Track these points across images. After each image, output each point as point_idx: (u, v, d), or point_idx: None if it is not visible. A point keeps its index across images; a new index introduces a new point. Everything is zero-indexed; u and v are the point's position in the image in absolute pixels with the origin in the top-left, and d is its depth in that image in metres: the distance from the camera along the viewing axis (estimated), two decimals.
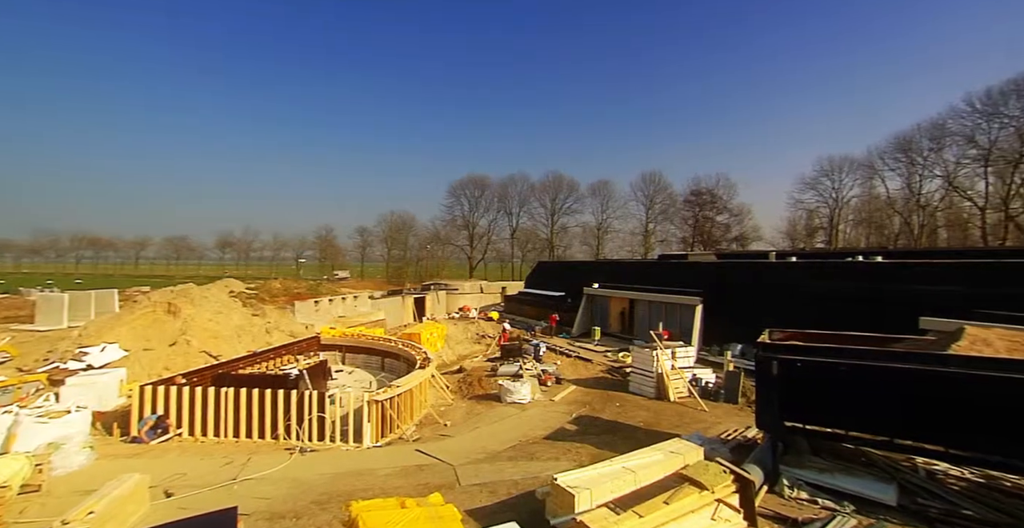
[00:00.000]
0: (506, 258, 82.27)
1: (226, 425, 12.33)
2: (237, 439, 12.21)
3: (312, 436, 12.03)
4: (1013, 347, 7.17)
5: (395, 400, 13.13)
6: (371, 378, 19.84)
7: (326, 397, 12.37)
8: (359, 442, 12.09)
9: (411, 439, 12.74)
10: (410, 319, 37.45)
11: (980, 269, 15.54)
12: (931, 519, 6.75)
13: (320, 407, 12.17)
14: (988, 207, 49.12)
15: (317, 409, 12.15)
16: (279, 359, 19.51)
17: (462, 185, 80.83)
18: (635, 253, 71.53)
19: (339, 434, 12.15)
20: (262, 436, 12.20)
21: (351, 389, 15.87)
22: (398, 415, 13.24)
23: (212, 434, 12.33)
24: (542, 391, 16.97)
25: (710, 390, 15.30)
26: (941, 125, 51.64)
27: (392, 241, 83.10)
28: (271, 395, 12.31)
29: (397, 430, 13.09)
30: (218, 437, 12.28)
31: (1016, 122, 45.86)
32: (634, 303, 25.71)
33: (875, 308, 15.82)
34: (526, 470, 9.54)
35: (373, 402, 12.46)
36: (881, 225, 59.03)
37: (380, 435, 12.58)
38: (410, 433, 13.19)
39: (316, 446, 11.68)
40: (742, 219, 68.52)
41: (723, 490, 6.62)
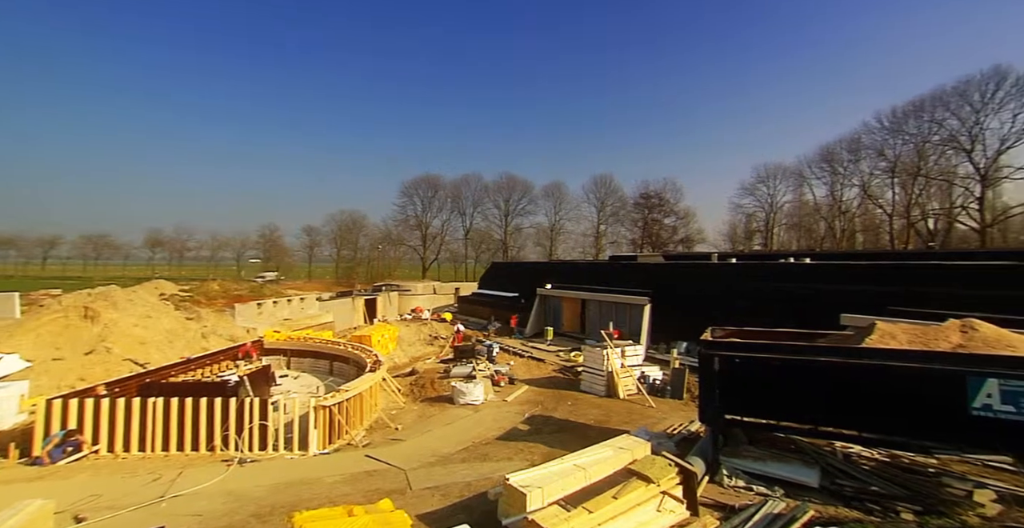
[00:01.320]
0: (460, 259, 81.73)
1: (153, 438, 11.39)
2: (167, 453, 11.31)
3: (253, 446, 11.37)
4: (913, 339, 7.99)
5: (344, 405, 12.68)
6: (318, 383, 19.04)
7: (269, 404, 11.75)
8: (305, 450, 11.56)
9: (361, 444, 12.35)
10: (360, 321, 36.31)
11: (889, 270, 17.23)
12: (846, 497, 7.39)
13: (262, 414, 11.53)
14: (895, 214, 54.64)
15: (259, 417, 11.49)
16: (217, 365, 18.30)
17: (415, 185, 79.56)
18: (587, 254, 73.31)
19: (283, 442, 11.56)
20: (196, 448, 11.37)
21: (296, 395, 15.14)
22: (347, 420, 12.79)
23: (137, 449, 11.33)
24: (495, 392, 16.99)
25: (657, 387, 15.93)
26: (857, 139, 56.98)
27: (342, 241, 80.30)
28: (207, 404, 11.52)
29: (346, 436, 12.64)
30: (144, 452, 11.31)
31: (915, 139, 51.46)
32: (586, 303, 26.32)
33: (805, 306, 17.11)
34: (479, 471, 9.51)
35: (320, 407, 11.96)
36: (810, 229, 64.02)
37: (328, 442, 12.10)
38: (360, 438, 12.78)
39: (257, 456, 11.05)
40: (688, 222, 72.20)
41: (668, 482, 6.91)
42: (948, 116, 48.63)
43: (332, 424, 12.28)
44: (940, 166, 50.61)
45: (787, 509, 6.74)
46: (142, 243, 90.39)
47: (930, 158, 50.92)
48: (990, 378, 6.59)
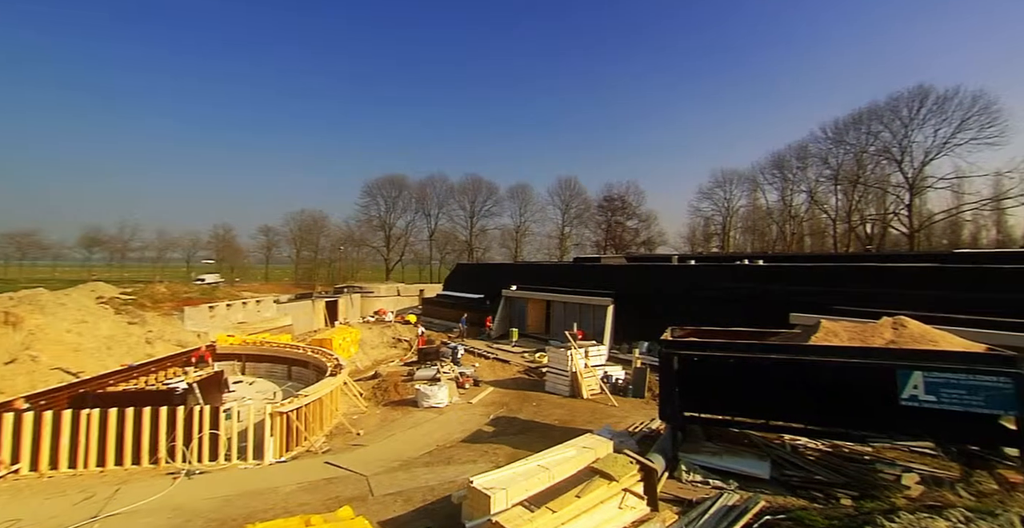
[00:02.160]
0: (424, 260, 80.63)
1: (87, 454, 10.53)
2: (102, 469, 10.50)
3: (203, 456, 10.78)
4: (853, 337, 8.53)
5: (302, 411, 12.24)
6: (276, 388, 18.28)
7: (221, 411, 11.17)
8: (260, 459, 11.07)
9: (320, 451, 11.95)
10: (321, 324, 35.17)
11: (832, 271, 18.37)
12: (793, 487, 7.82)
13: (213, 423, 10.95)
14: (838, 219, 58.35)
15: (209, 425, 10.90)
16: (163, 372, 17.25)
17: (378, 185, 77.81)
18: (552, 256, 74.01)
19: (236, 452, 11.02)
20: (137, 462, 10.65)
21: (251, 401, 14.48)
22: (306, 427, 12.35)
23: (66, 466, 10.43)
24: (460, 394, 16.87)
25: (620, 386, 16.28)
26: (805, 147, 60.45)
27: (301, 241, 77.37)
28: (150, 414, 10.82)
29: (305, 443, 12.20)
30: (75, 469, 10.42)
31: (854, 149, 55.20)
32: (551, 304, 26.58)
33: (758, 305, 17.95)
34: (442, 475, 9.41)
35: (277, 414, 11.50)
36: (763, 232, 67.30)
37: (285, 449, 11.64)
38: (319, 445, 12.37)
39: (207, 467, 10.49)
40: (649, 224, 74.17)
41: (629, 479, 7.07)
42: (882, 129, 52.54)
43: (290, 431, 11.82)
44: (876, 175, 54.54)
45: (740, 501, 7.03)
46: (76, 242, 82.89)
47: (868, 167, 54.77)
48: (916, 371, 7.14)
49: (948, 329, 8.63)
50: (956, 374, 6.95)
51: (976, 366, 6.93)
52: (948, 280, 14.57)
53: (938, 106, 48.61)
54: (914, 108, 49.92)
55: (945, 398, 6.98)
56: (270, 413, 11.40)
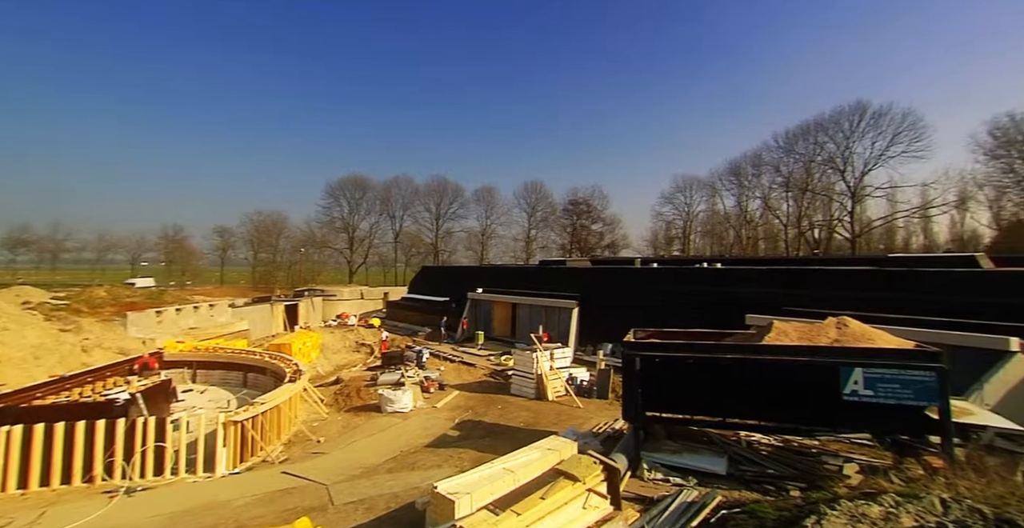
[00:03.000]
0: (389, 263, 79.15)
1: (6, 475, 9.65)
2: (23, 491, 9.62)
3: (146, 471, 10.11)
4: (802, 336, 9.02)
5: (258, 419, 11.73)
6: (230, 396, 17.45)
7: (168, 422, 10.53)
8: (211, 471, 10.51)
9: (278, 461, 11.48)
10: (280, 329, 33.87)
11: (784, 274, 19.35)
12: (747, 481, 8.16)
13: (159, 435, 10.31)
14: (789, 224, 61.66)
15: (154, 438, 10.25)
16: (102, 382, 16.08)
17: (341, 185, 75.87)
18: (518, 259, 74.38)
19: (184, 465, 10.41)
20: (68, 481, 9.83)
21: (203, 411, 13.75)
22: (262, 436, 11.83)
23: None
24: (425, 398, 16.64)
25: (584, 388, 16.50)
26: (759, 156, 63.62)
27: (259, 243, 74.24)
28: (85, 428, 10.05)
29: (261, 452, 11.69)
30: None
31: (803, 158, 58.66)
32: (516, 307, 26.67)
33: (717, 307, 18.64)
34: (406, 481, 9.23)
35: (230, 423, 10.96)
36: (721, 236, 70.13)
37: (239, 460, 11.10)
38: (276, 454, 11.88)
39: (151, 482, 9.86)
40: (614, 228, 75.78)
41: (593, 480, 7.17)
42: (827, 140, 56.14)
43: (244, 441, 11.30)
44: (822, 183, 58.08)
45: (699, 497, 7.27)
46: None
47: (815, 176, 58.26)
48: (856, 368, 7.63)
49: (883, 328, 9.26)
50: (890, 370, 7.47)
51: (907, 362, 7.48)
52: (883, 282, 15.65)
53: (874, 121, 52.60)
54: (854, 121, 53.74)
55: (881, 392, 7.49)
56: (223, 422, 10.85)
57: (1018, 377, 10.28)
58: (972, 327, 11.36)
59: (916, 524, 3.21)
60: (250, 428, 11.40)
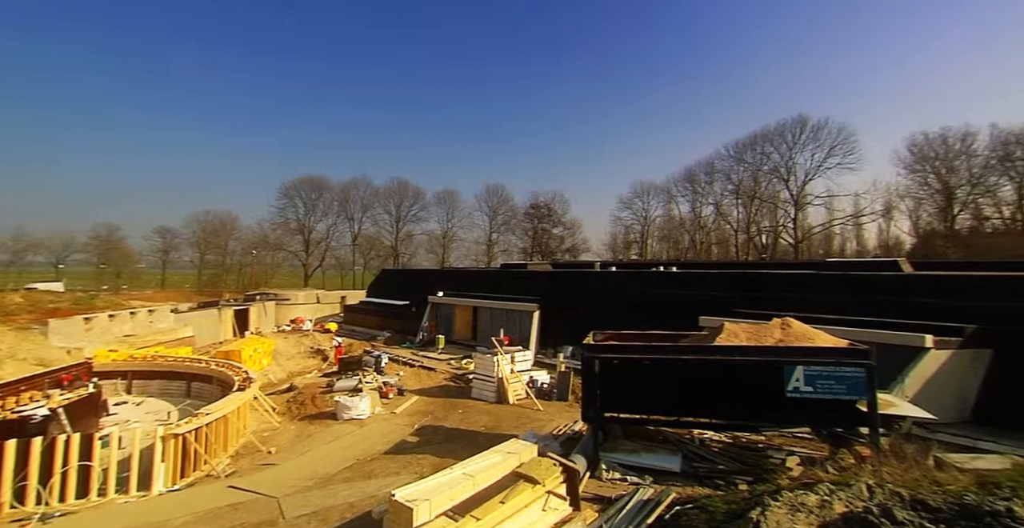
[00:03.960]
0: (347, 266, 76.90)
1: None
2: None
3: (67, 494, 9.26)
4: (750, 337, 9.50)
5: (202, 431, 11.05)
6: (170, 408, 16.35)
7: (95, 438, 9.72)
8: (147, 489, 9.78)
9: (224, 475, 10.85)
10: (229, 335, 32.14)
11: (735, 278, 20.33)
12: (700, 477, 8.50)
13: (84, 453, 9.48)
14: (739, 230, 64.97)
15: (78, 456, 9.42)
16: (15, 397, 14.62)
17: (296, 186, 73.07)
18: (479, 262, 74.21)
19: (114, 484, 9.63)
20: None
21: (138, 424, 12.82)
22: (206, 448, 11.15)
23: None
24: (383, 404, 16.24)
25: (545, 390, 16.63)
26: (712, 164, 66.70)
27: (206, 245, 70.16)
28: None
29: (205, 466, 11.01)
30: None
31: (751, 167, 62.09)
32: (478, 311, 26.57)
33: (673, 309, 19.26)
34: (363, 490, 8.98)
35: (170, 436, 10.26)
36: (676, 241, 72.79)
37: (179, 476, 10.40)
38: (223, 468, 11.23)
39: (73, 506, 9.06)
40: (574, 232, 77.10)
41: (553, 481, 7.24)
42: (772, 151, 59.75)
43: (186, 454, 10.61)
44: (769, 191, 61.66)
45: (654, 494, 7.49)
46: None
47: (762, 184, 61.74)
48: (798, 366, 8.12)
49: (822, 327, 9.90)
50: (827, 367, 8.01)
51: (841, 359, 8.05)
52: (821, 285, 16.76)
53: (814, 134, 56.57)
54: (796, 134, 57.56)
55: (819, 388, 8.00)
56: (162, 436, 10.14)
57: (932, 370, 11.30)
58: (894, 326, 12.36)
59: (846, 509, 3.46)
60: (193, 441, 10.71)
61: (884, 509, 3.26)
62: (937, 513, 3.19)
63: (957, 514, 3.11)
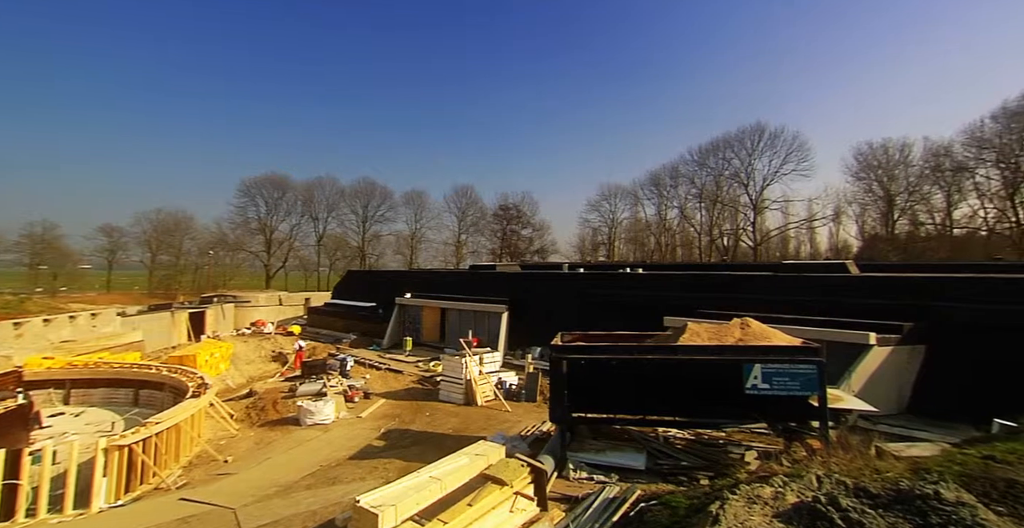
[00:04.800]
0: (311, 267, 74.62)
1: None
2: None
3: None
4: (712, 336, 9.84)
5: (151, 441, 10.44)
6: (115, 418, 15.35)
7: (24, 454, 8.99)
8: (85, 506, 9.14)
9: (174, 487, 10.29)
10: (183, 339, 30.55)
11: (698, 279, 21.00)
12: (664, 474, 8.72)
13: (11, 470, 8.74)
14: (702, 233, 67.24)
15: (4, 474, 8.68)
16: None
17: (258, 184, 70.29)
18: (448, 263, 73.61)
19: (45, 503, 8.92)
20: None
21: (76, 437, 11.97)
22: (155, 460, 10.53)
23: None
24: (348, 408, 15.86)
25: (513, 392, 16.65)
26: (676, 168, 68.70)
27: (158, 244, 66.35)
28: None
29: (153, 479, 10.40)
30: None
31: (714, 172, 64.44)
32: (446, 312, 26.34)
33: (639, 310, 19.65)
34: (326, 497, 8.72)
35: (114, 448, 9.63)
36: (642, 243, 74.48)
37: (123, 490, 9.78)
38: (174, 479, 10.64)
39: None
40: (543, 234, 77.66)
41: (520, 482, 7.25)
42: (733, 157, 62.21)
43: (132, 467, 9.99)
44: (730, 195, 64.12)
45: (620, 492, 7.61)
46: None
47: (724, 188, 64.15)
48: (756, 364, 8.48)
49: (778, 327, 10.36)
50: (783, 364, 8.39)
51: (796, 357, 8.45)
52: (777, 286, 17.57)
53: (771, 141, 59.30)
54: (755, 141, 60.17)
55: (775, 385, 8.38)
56: (104, 448, 9.50)
57: (875, 366, 12.05)
58: (842, 324, 13.11)
59: (798, 500, 3.64)
60: (140, 452, 10.10)
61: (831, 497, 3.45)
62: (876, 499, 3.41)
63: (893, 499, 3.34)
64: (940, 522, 3.01)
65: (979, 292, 12.97)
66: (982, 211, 46.02)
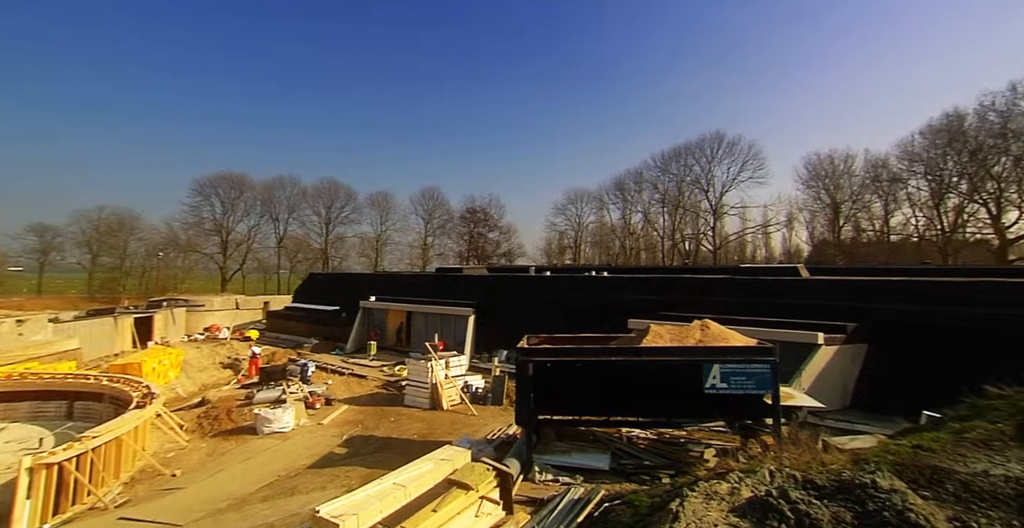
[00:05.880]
0: (271, 269, 71.78)
1: None
2: None
3: None
4: (673, 338, 10.12)
5: (86, 457, 9.70)
6: (44, 433, 14.21)
7: None
8: None
9: (113, 505, 9.61)
10: (128, 346, 28.64)
11: (661, 282, 21.61)
12: (628, 474, 8.88)
13: None
14: (665, 237, 69.35)
15: None
16: None
17: (213, 183, 66.96)
18: (414, 266, 72.67)
19: None
20: None
21: None
22: (91, 477, 9.80)
23: None
24: (309, 415, 15.33)
25: (479, 395, 16.57)
26: (640, 173, 70.64)
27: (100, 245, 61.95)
28: None
29: (88, 499, 9.67)
30: None
31: (676, 178, 66.70)
32: (412, 315, 25.97)
33: (604, 312, 19.96)
34: (284, 509, 8.38)
35: (40, 467, 8.89)
36: (608, 246, 76.04)
37: (51, 513, 9.03)
38: (112, 498, 9.93)
39: None
40: (510, 237, 77.96)
41: (486, 487, 7.20)
42: (694, 163, 64.70)
43: (63, 487, 9.24)
44: (691, 201, 66.58)
45: (585, 493, 7.69)
46: None
47: (686, 194, 66.54)
48: (715, 364, 8.79)
49: (735, 328, 10.80)
50: (739, 364, 8.74)
51: (751, 357, 8.82)
52: (735, 288, 18.33)
53: (729, 149, 62.11)
54: (714, 148, 62.84)
55: (733, 384, 8.71)
56: (28, 467, 8.74)
57: (823, 364, 12.77)
58: (794, 325, 13.82)
59: (752, 494, 3.80)
60: (73, 470, 9.36)
61: (782, 491, 3.63)
62: (822, 490, 3.62)
63: (836, 489, 3.57)
64: (876, 508, 3.23)
65: (911, 294, 14.00)
66: (913, 219, 50.02)
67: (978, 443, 4.27)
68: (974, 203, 44.04)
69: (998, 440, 4.27)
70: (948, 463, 3.95)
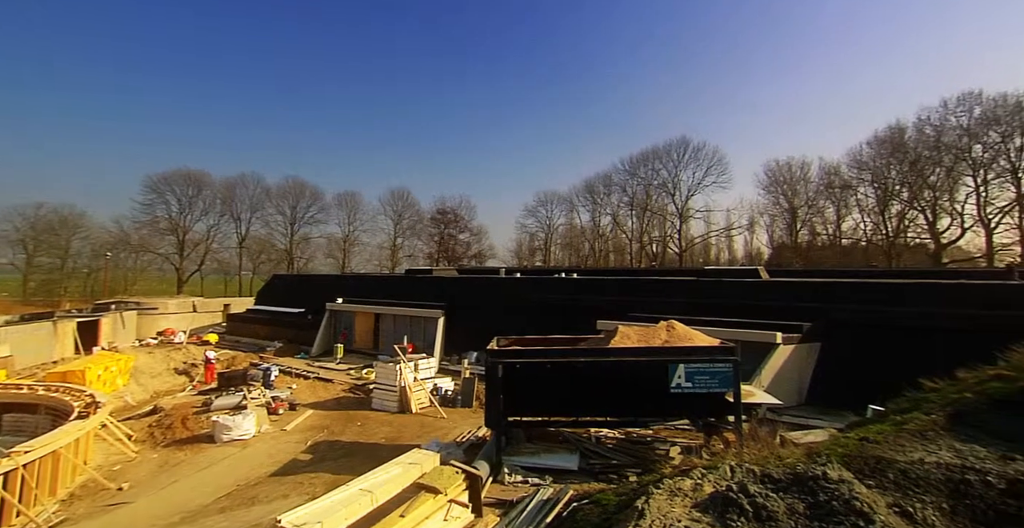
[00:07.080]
0: (232, 270, 68.88)
1: None
2: None
3: None
4: (640, 339, 10.35)
5: (16, 474, 9.01)
6: None
7: None
8: None
9: (47, 525, 8.95)
10: (69, 352, 26.78)
11: (629, 283, 22.05)
12: (596, 473, 9.01)
13: None
14: (633, 239, 70.85)
15: None
16: None
17: (168, 179, 63.48)
18: (383, 267, 71.37)
19: None
20: None
21: None
22: (22, 496, 9.10)
23: None
24: (272, 421, 14.80)
25: (449, 397, 16.42)
26: (609, 176, 71.94)
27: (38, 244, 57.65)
28: None
29: (17, 519, 8.97)
30: None
31: (644, 182, 68.33)
32: (380, 318, 25.50)
33: (573, 314, 20.17)
34: (243, 520, 8.06)
35: None
36: (577, 248, 76.98)
37: None
38: (46, 517, 9.25)
39: None
40: (480, 238, 77.72)
41: (455, 490, 7.14)
42: (661, 167, 66.44)
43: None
44: (659, 204, 68.29)
45: (554, 493, 7.74)
46: None
47: (653, 197, 68.20)
48: (680, 363, 9.04)
49: (699, 328, 11.13)
50: (703, 364, 9.03)
51: (714, 356, 9.13)
52: (699, 290, 18.94)
53: (694, 154, 64.11)
54: (680, 153, 64.69)
55: (697, 383, 8.99)
56: None
57: (780, 363, 13.38)
58: (754, 325, 14.40)
59: (714, 489, 3.94)
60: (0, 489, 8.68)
61: (741, 485, 3.78)
62: (778, 483, 3.80)
63: (791, 482, 3.76)
64: (826, 499, 3.43)
65: (859, 295, 14.86)
66: (862, 224, 53.21)
67: (915, 433, 4.58)
68: (914, 210, 47.32)
69: (932, 430, 4.60)
70: (890, 453, 4.22)
